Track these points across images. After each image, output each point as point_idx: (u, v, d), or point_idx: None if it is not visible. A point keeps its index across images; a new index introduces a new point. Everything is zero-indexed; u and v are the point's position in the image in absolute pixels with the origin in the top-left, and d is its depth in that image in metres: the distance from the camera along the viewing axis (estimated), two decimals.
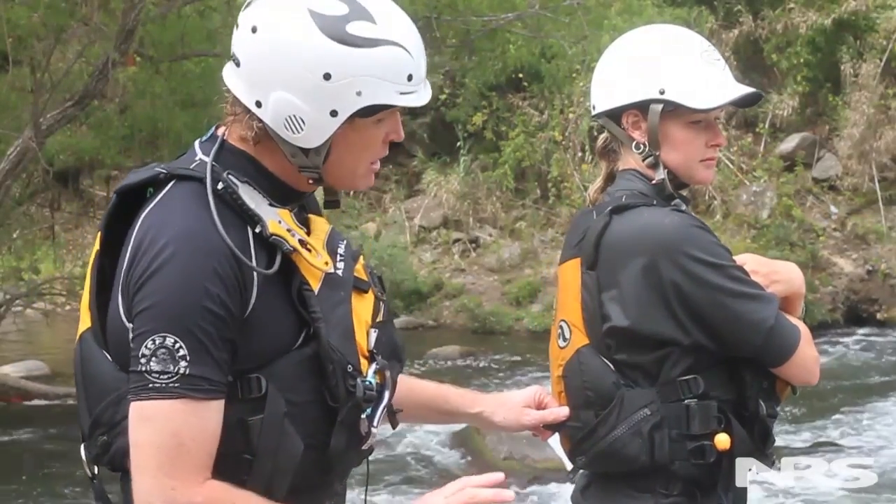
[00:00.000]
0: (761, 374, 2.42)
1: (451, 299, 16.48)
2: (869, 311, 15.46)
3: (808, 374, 2.43)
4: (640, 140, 2.49)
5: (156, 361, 1.73)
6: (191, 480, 1.75)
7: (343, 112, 1.82)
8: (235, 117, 1.89)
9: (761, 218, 16.03)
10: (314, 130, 1.83)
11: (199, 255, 1.75)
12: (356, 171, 1.93)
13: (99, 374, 1.85)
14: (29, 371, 12.73)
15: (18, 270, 12.12)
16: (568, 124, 16.91)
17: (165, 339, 1.73)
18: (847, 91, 16.41)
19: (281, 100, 1.81)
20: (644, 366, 2.40)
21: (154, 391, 1.73)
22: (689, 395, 2.37)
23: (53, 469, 9.20)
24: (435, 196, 17.76)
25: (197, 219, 1.78)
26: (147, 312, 1.75)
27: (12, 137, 9.96)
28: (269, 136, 1.86)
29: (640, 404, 2.38)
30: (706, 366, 2.39)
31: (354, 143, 1.88)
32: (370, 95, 1.81)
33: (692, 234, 2.38)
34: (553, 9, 11.17)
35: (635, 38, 2.57)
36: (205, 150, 1.90)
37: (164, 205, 1.82)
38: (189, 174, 1.84)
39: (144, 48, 10.64)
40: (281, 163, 1.89)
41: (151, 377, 1.73)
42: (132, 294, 1.77)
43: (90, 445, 1.87)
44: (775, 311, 2.38)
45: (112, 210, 1.88)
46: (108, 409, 1.83)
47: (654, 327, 2.37)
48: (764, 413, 2.41)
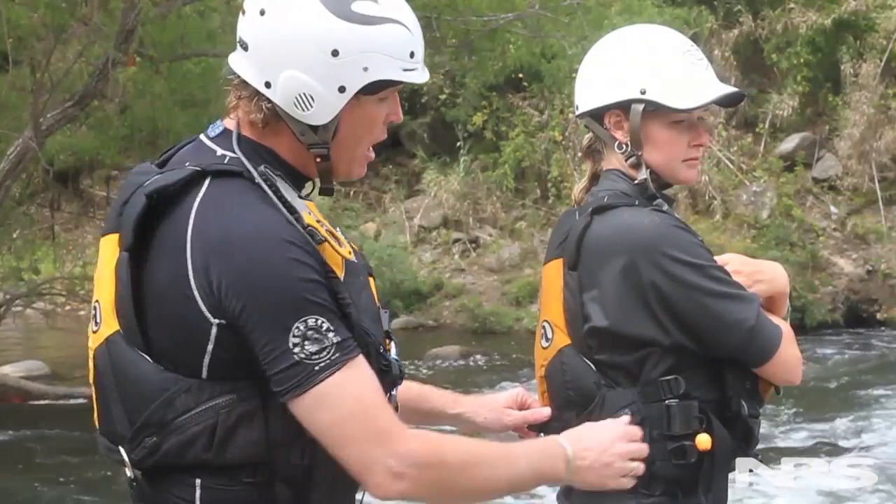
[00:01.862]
0: (743, 374, 2.40)
1: (450, 299, 16.49)
2: (869, 311, 15.47)
3: (789, 374, 2.42)
4: (622, 140, 2.48)
5: (310, 343, 1.79)
6: (394, 430, 1.83)
7: (351, 88, 1.88)
8: (240, 101, 1.94)
9: (761, 218, 16.03)
10: (323, 107, 1.88)
11: (288, 244, 1.81)
12: (357, 151, 1.98)
13: (140, 376, 1.86)
14: (29, 371, 12.73)
15: (18, 270, 12.12)
16: (568, 124, 16.91)
17: (307, 321, 1.79)
18: (847, 91, 16.41)
19: (291, 78, 1.87)
20: (625, 366, 2.40)
21: (321, 371, 1.79)
22: (670, 396, 2.36)
23: (53, 469, 9.21)
24: (435, 196, 17.77)
25: (265, 211, 1.84)
26: (272, 307, 1.79)
27: (12, 137, 9.97)
28: (277, 117, 1.92)
29: (621, 405, 2.37)
30: (687, 366, 2.38)
31: (359, 120, 1.93)
32: (376, 71, 1.88)
33: (671, 234, 2.37)
34: (553, 9, 11.18)
35: (617, 38, 2.56)
36: (222, 144, 1.94)
37: (217, 202, 1.85)
38: (227, 170, 1.88)
39: (144, 48, 10.64)
40: (290, 145, 1.94)
41: (313, 360, 1.78)
42: (225, 292, 1.80)
43: (134, 448, 1.87)
44: (756, 311, 2.36)
45: (143, 212, 1.87)
46: (158, 410, 1.84)
47: (635, 328, 2.37)
48: (746, 413, 2.40)
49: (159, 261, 1.86)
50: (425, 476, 1.84)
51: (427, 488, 1.85)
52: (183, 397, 1.84)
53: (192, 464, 1.85)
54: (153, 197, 1.87)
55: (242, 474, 1.87)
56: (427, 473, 1.84)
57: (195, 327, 1.83)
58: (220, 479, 1.86)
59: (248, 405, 1.85)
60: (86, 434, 10.25)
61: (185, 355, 1.84)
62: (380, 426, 1.82)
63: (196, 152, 1.96)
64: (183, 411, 1.84)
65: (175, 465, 1.86)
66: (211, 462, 1.85)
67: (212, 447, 1.84)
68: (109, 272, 1.91)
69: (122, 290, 1.88)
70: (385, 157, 18.63)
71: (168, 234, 1.86)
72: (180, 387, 1.84)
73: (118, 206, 1.94)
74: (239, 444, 1.84)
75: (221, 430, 1.83)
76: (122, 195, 1.95)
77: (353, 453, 1.82)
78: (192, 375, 1.85)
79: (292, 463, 1.87)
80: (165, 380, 1.84)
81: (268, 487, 1.88)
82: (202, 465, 1.85)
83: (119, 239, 1.91)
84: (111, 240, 1.94)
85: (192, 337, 1.83)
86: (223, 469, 1.86)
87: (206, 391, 1.84)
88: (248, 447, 1.85)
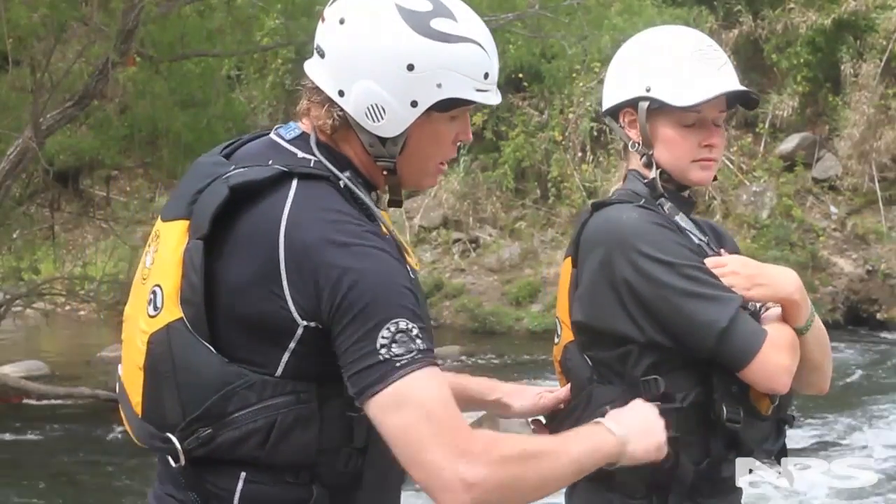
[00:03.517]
0: (730, 378, 2.35)
1: (451, 299, 16.48)
2: (869, 311, 15.47)
3: (770, 381, 2.33)
4: (635, 139, 2.49)
5: (397, 346, 1.79)
6: (465, 432, 1.81)
7: (423, 103, 1.90)
8: (312, 106, 1.96)
9: (761, 218, 16.03)
10: (394, 120, 1.91)
11: (384, 251, 1.86)
12: (426, 167, 2.00)
13: (202, 365, 1.86)
14: (29, 371, 12.72)
15: (18, 270, 12.11)
16: (568, 124, 16.92)
17: (398, 323, 1.80)
18: (847, 91, 16.41)
19: (365, 89, 1.89)
20: (609, 363, 2.39)
21: (403, 369, 1.79)
22: (649, 397, 2.30)
23: (54, 469, 9.20)
24: (435, 196, 17.76)
25: (354, 223, 1.86)
26: (368, 307, 1.80)
27: (12, 137, 9.97)
28: (347, 126, 1.94)
29: (605, 401, 2.34)
30: (673, 367, 2.35)
31: (428, 137, 1.95)
32: (449, 88, 1.90)
33: (646, 231, 2.36)
34: (553, 9, 11.17)
35: (636, 38, 2.58)
36: (300, 147, 1.95)
37: (311, 205, 1.86)
38: (314, 173, 1.90)
39: (144, 48, 10.64)
40: (359, 155, 1.97)
41: (395, 360, 1.79)
42: (322, 293, 1.81)
43: (187, 437, 1.87)
44: (732, 313, 2.31)
45: (225, 203, 1.87)
46: (219, 402, 1.85)
47: (611, 324, 2.37)
48: (725, 418, 2.34)
49: (240, 256, 1.87)
50: (495, 480, 1.80)
51: (498, 493, 1.81)
52: (245, 392, 1.85)
53: (241, 458, 1.87)
54: (236, 190, 1.87)
55: (286, 474, 1.88)
56: (498, 478, 1.80)
57: (278, 326, 1.84)
58: (265, 475, 1.88)
59: (307, 408, 1.86)
60: (86, 434, 10.26)
61: (259, 351, 1.85)
62: (454, 429, 1.80)
63: (274, 151, 1.96)
64: (243, 406, 1.85)
65: (224, 458, 1.87)
66: (261, 460, 1.86)
67: (265, 445, 1.85)
68: (175, 258, 1.89)
69: (193, 278, 1.87)
70: None
71: (253, 230, 1.86)
72: (244, 381, 1.85)
73: (191, 192, 1.92)
74: (292, 445, 1.86)
75: (278, 430, 1.85)
76: (194, 182, 1.93)
77: (428, 456, 1.78)
78: (259, 371, 1.86)
79: (337, 469, 1.89)
80: (229, 373, 1.85)
81: (307, 489, 1.89)
82: (251, 461, 1.87)
83: (189, 226, 1.90)
84: (178, 226, 1.92)
85: (272, 334, 1.84)
86: (270, 467, 1.87)
87: (269, 389, 1.86)
88: (300, 449, 1.87)
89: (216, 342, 1.86)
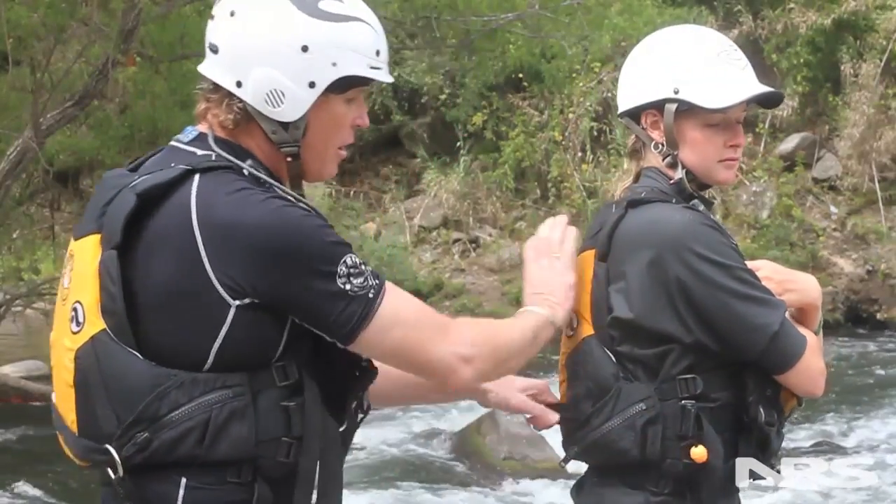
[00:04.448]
0: (765, 381, 2.40)
1: (451, 299, 16.47)
2: (869, 311, 15.46)
3: (811, 385, 2.43)
4: (658, 140, 2.50)
5: (353, 277, 1.90)
6: (445, 321, 2.03)
7: (320, 83, 1.95)
8: (210, 105, 1.99)
9: (761, 218, 16.03)
10: (294, 103, 1.95)
11: (295, 207, 1.91)
12: (327, 152, 2.03)
13: (130, 372, 1.87)
14: (29, 371, 12.71)
15: (18, 270, 12.11)
16: (568, 124, 16.90)
17: (346, 260, 1.90)
18: (847, 91, 16.40)
19: (262, 75, 1.94)
20: (645, 360, 2.40)
21: (376, 298, 1.92)
22: (686, 395, 2.36)
23: (53, 469, 9.20)
24: (435, 196, 17.75)
25: (265, 192, 1.91)
26: (313, 263, 1.87)
27: (12, 137, 9.96)
28: (248, 118, 1.97)
29: (636, 398, 2.37)
30: (708, 367, 2.38)
31: (327, 120, 2.00)
32: (345, 66, 1.96)
33: (701, 232, 2.38)
34: (553, 9, 11.16)
35: (656, 38, 2.58)
36: (200, 147, 1.98)
37: (217, 191, 1.90)
38: (216, 165, 1.93)
39: (144, 48, 10.64)
40: (262, 146, 1.99)
41: (362, 293, 1.90)
42: (254, 270, 1.85)
43: (124, 444, 1.88)
44: (781, 317, 2.36)
45: (134, 210, 1.90)
46: (152, 405, 1.86)
47: (657, 322, 2.38)
48: (762, 420, 2.39)
49: (157, 256, 1.88)
50: (485, 352, 2.02)
51: (490, 363, 2.05)
52: (175, 392, 1.86)
53: (181, 460, 1.87)
54: (143, 196, 1.90)
55: (227, 473, 1.89)
56: (485, 349, 2.04)
57: (208, 314, 1.86)
58: (206, 478, 1.89)
59: (240, 401, 1.88)
60: None
61: (188, 347, 1.87)
62: (440, 323, 2.01)
63: (174, 155, 1.98)
64: (177, 406, 1.86)
65: (163, 463, 1.87)
66: (200, 458, 1.87)
67: (203, 443, 1.86)
68: (91, 271, 1.92)
69: (111, 289, 1.88)
70: (385, 157, 18.62)
71: (165, 228, 1.88)
72: (173, 382, 1.86)
73: (98, 207, 1.95)
74: (229, 439, 1.87)
75: (213, 426, 1.86)
76: (101, 197, 1.97)
77: (430, 359, 1.97)
78: (188, 370, 1.87)
79: (278, 460, 1.90)
80: (158, 375, 1.87)
81: (250, 487, 1.90)
82: (191, 461, 1.87)
83: (101, 238, 1.92)
84: (90, 241, 1.95)
85: (201, 325, 1.86)
86: (210, 467, 1.88)
87: (199, 387, 1.87)
88: (238, 443, 1.88)
89: (143, 347, 1.88)
